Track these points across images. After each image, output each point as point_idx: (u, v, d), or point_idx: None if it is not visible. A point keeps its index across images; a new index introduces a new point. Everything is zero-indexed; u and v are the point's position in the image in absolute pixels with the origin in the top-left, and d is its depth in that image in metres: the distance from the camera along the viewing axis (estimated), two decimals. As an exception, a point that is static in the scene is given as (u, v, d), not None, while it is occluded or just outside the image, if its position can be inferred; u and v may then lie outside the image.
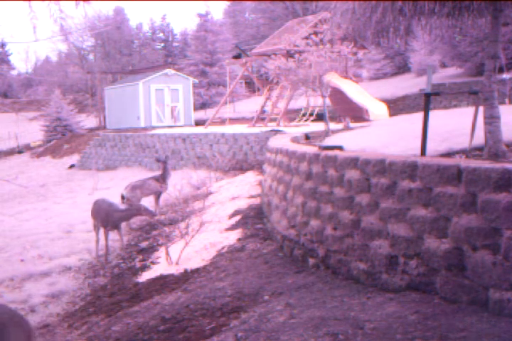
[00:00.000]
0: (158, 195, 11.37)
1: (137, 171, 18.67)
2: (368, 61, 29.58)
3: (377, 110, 16.58)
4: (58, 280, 8.30)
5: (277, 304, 4.58)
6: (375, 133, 8.70)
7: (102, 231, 9.07)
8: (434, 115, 6.59)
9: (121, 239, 9.18)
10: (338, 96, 16.45)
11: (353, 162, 5.27)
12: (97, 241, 9.09)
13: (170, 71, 28.00)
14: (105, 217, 8.83)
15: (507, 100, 12.27)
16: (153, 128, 25.01)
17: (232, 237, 7.76)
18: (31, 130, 33.86)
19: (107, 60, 52.98)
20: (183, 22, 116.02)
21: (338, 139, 8.54)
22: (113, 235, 9.41)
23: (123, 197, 10.89)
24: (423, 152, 5.43)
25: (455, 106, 17.64)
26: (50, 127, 31.43)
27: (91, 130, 31.62)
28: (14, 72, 69.60)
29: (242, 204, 9.68)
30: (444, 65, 26.74)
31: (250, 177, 12.33)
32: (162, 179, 11.41)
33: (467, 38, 20.01)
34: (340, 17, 5.99)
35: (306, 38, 16.07)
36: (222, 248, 7.44)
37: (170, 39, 61.94)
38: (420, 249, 4.35)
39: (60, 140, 29.78)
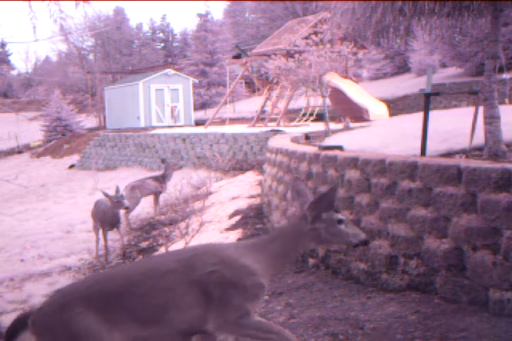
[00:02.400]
0: (157, 195, 11.36)
1: (137, 171, 18.66)
2: (368, 61, 29.55)
3: (377, 110, 16.59)
4: (58, 280, 8.29)
5: (277, 304, 4.59)
6: (375, 133, 8.71)
7: (101, 231, 9.06)
8: (434, 115, 6.59)
9: (121, 239, 9.16)
10: (338, 96, 16.45)
11: (353, 162, 5.27)
12: (97, 241, 9.09)
13: (170, 71, 27.98)
14: (103, 216, 8.81)
15: (507, 100, 12.26)
16: (153, 128, 24.99)
17: (232, 237, 7.76)
18: (31, 130, 33.82)
19: (107, 60, 52.96)
20: (183, 22, 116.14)
21: (338, 139, 8.54)
22: (113, 235, 9.40)
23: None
24: (423, 152, 5.43)
25: (455, 106, 17.62)
26: (50, 127, 31.39)
27: (91, 130, 31.59)
28: (14, 72, 69.65)
29: (242, 204, 9.68)
30: (444, 65, 26.71)
31: (250, 177, 12.33)
32: (162, 179, 11.40)
33: (467, 38, 19.98)
34: (340, 17, 6.00)
35: (306, 38, 16.10)
36: (222, 248, 7.43)
37: (170, 39, 61.88)
38: (420, 249, 4.35)
39: (60, 140, 29.76)
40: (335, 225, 2.90)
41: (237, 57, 36.40)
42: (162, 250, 8.16)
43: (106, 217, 8.74)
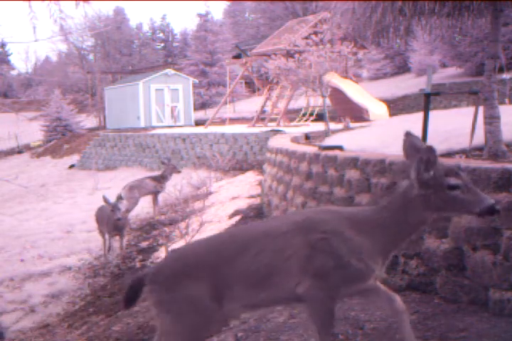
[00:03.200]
0: (156, 195, 11.36)
1: (137, 171, 18.67)
2: (368, 61, 29.55)
3: (377, 110, 16.60)
4: (58, 280, 8.31)
5: (277, 304, 4.58)
6: (375, 133, 8.71)
7: (107, 235, 8.96)
8: (434, 115, 6.59)
9: (121, 245, 8.96)
10: (338, 96, 16.46)
11: (353, 162, 5.27)
12: (104, 243, 8.98)
13: (170, 71, 27.99)
14: (108, 221, 8.73)
15: (507, 100, 12.26)
16: (153, 128, 25.01)
17: (232, 237, 7.74)
18: (31, 130, 33.83)
19: (107, 60, 52.98)
20: (183, 22, 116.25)
21: (338, 139, 8.54)
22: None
23: (121, 198, 10.88)
24: (423, 152, 5.42)
25: (455, 106, 17.61)
26: (50, 127, 31.40)
27: (91, 130, 31.60)
28: (14, 72, 69.64)
29: (242, 204, 9.68)
30: (444, 65, 26.72)
31: (250, 177, 12.34)
32: (162, 179, 11.40)
33: (467, 38, 19.99)
34: (340, 17, 6.00)
35: (306, 38, 16.10)
36: (222, 248, 7.41)
37: (170, 39, 61.92)
38: (420, 249, 4.34)
39: (60, 140, 29.77)
40: (445, 191, 2.55)
41: (237, 57, 36.39)
42: (162, 250, 8.17)
43: (110, 222, 8.60)
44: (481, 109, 5.42)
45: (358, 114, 16.18)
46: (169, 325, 2.70)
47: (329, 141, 8.51)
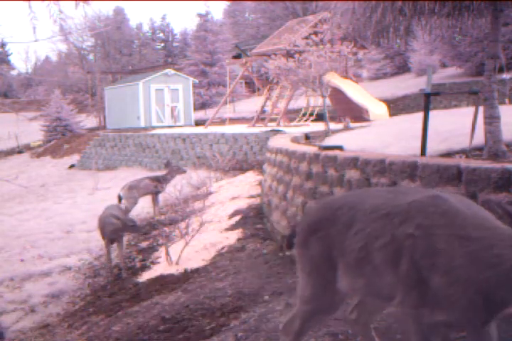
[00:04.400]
0: (156, 195, 11.36)
1: (137, 171, 18.67)
2: (368, 61, 29.52)
3: (377, 110, 16.60)
4: (58, 280, 8.30)
5: (277, 304, 4.58)
6: (375, 133, 8.71)
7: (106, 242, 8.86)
8: (434, 115, 6.59)
9: (120, 254, 8.74)
10: (338, 96, 16.46)
11: (353, 162, 5.27)
12: (107, 248, 8.82)
13: (170, 71, 27.99)
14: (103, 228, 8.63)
15: (507, 100, 12.25)
16: (153, 128, 25.01)
17: (232, 237, 7.76)
18: (31, 130, 33.82)
19: (107, 60, 52.98)
20: (183, 22, 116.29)
21: (338, 139, 8.54)
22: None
23: (120, 198, 10.89)
24: (423, 152, 5.43)
25: (455, 106, 17.61)
26: (50, 127, 31.39)
27: (91, 130, 31.60)
28: (14, 72, 69.57)
29: (242, 204, 9.68)
30: (444, 65, 26.71)
31: (250, 177, 12.34)
32: (163, 179, 11.41)
33: (467, 38, 19.98)
34: (340, 17, 6.00)
35: (306, 38, 16.11)
36: (222, 248, 7.44)
37: (170, 39, 61.89)
38: (420, 249, 4.34)
39: (60, 140, 29.77)
40: None
41: (237, 57, 36.40)
42: (162, 250, 8.16)
43: (106, 231, 8.42)
44: (481, 109, 5.42)
45: (358, 114, 16.18)
46: (300, 276, 2.72)
47: (329, 141, 8.52)
